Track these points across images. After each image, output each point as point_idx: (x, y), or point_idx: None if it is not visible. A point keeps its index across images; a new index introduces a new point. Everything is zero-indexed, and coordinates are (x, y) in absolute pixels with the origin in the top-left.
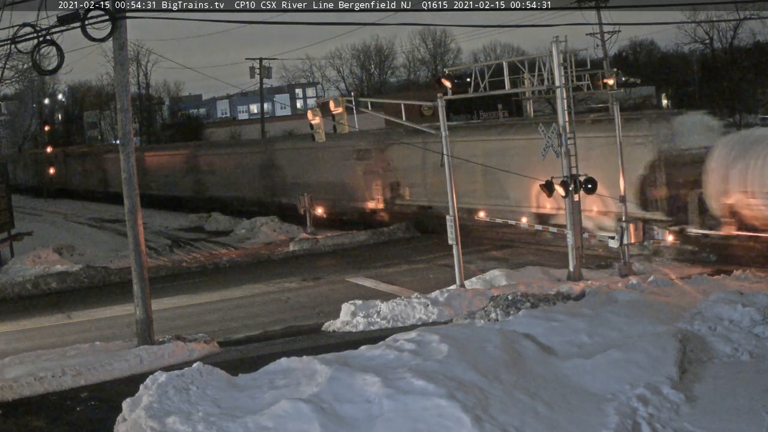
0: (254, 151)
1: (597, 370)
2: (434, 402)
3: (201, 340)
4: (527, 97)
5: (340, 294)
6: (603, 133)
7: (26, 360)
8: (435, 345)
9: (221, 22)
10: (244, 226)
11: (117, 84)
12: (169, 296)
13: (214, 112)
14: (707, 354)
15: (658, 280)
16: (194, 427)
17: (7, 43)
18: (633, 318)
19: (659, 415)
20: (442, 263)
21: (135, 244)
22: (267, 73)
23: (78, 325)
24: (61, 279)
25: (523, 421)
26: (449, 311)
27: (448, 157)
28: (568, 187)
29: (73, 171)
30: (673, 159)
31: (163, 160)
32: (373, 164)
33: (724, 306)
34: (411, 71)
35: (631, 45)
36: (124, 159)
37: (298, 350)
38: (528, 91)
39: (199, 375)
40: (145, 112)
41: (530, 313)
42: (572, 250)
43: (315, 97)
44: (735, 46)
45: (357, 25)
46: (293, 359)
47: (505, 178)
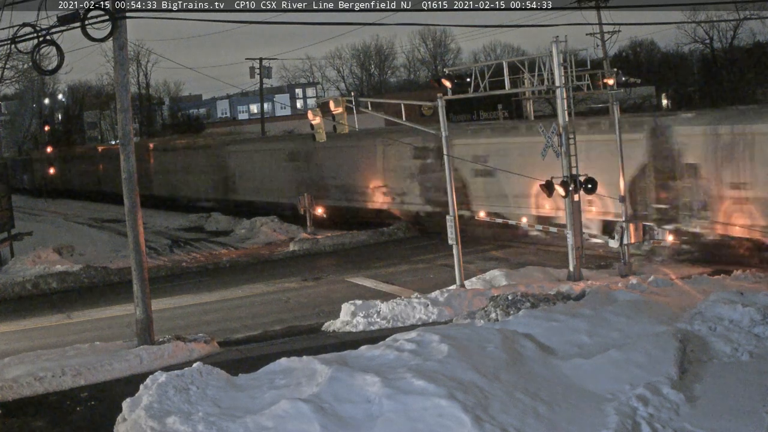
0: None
1: (597, 370)
2: (434, 402)
3: (201, 340)
4: (527, 97)
5: (340, 294)
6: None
7: (26, 360)
8: (435, 345)
9: (221, 22)
10: (244, 226)
11: (117, 84)
12: (169, 296)
13: (214, 112)
14: (707, 354)
15: (658, 280)
16: (194, 427)
17: (7, 43)
18: (633, 318)
19: (659, 415)
20: (442, 263)
21: (135, 244)
22: (267, 73)
23: (78, 325)
24: (61, 279)
25: (523, 421)
26: (449, 311)
27: (449, 157)
28: (568, 187)
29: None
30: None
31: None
32: (434, 163)
33: (724, 306)
34: (411, 71)
35: (631, 45)
36: (124, 159)
37: (298, 350)
38: (528, 91)
39: (199, 375)
40: (145, 112)
41: (530, 313)
42: (572, 250)
43: (315, 97)
44: (735, 46)
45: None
46: (293, 359)
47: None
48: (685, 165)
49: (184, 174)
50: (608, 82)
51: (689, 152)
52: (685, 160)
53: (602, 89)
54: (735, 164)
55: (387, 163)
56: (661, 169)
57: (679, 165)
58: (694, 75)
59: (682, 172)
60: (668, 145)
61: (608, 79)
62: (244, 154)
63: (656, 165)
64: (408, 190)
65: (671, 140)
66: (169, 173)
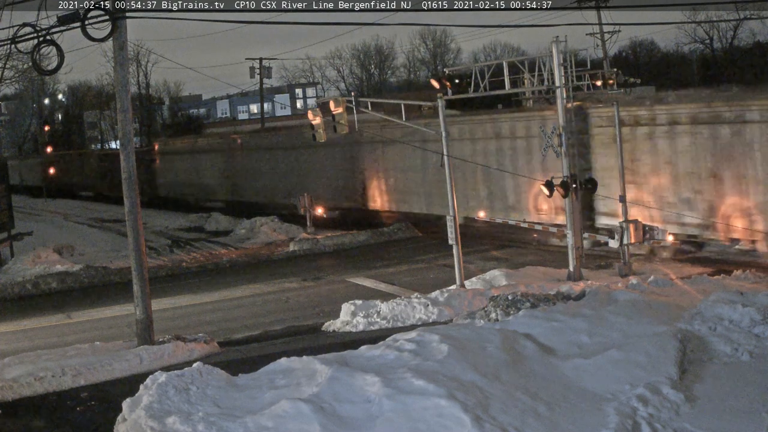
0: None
1: (597, 370)
2: (434, 402)
3: (201, 340)
4: (527, 97)
5: (340, 294)
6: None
7: (26, 360)
8: (435, 345)
9: (221, 22)
10: (244, 226)
11: (117, 84)
12: (169, 296)
13: (214, 112)
14: (707, 354)
15: (658, 280)
16: (194, 427)
17: (7, 43)
18: (633, 318)
19: (659, 415)
20: (442, 263)
21: (135, 244)
22: (267, 73)
23: (78, 325)
24: (61, 279)
25: (523, 421)
26: (449, 311)
27: (448, 157)
28: (568, 187)
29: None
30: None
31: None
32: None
33: (724, 306)
34: (411, 71)
35: (631, 45)
36: (124, 159)
37: (298, 350)
38: (528, 91)
39: (199, 375)
40: (145, 112)
41: (530, 313)
42: (572, 250)
43: (315, 97)
44: (735, 46)
45: (357, 25)
46: (293, 359)
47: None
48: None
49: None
50: (608, 82)
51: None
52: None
53: (602, 89)
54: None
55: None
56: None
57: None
58: (694, 75)
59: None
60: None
61: (608, 79)
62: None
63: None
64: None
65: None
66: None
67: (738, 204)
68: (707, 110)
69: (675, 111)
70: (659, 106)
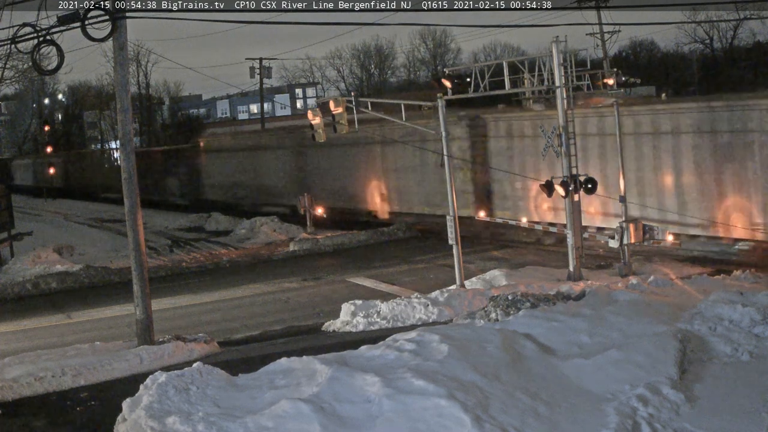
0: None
1: (597, 370)
2: (434, 402)
3: (201, 340)
4: (527, 97)
5: (340, 294)
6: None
7: (26, 360)
8: (435, 345)
9: (221, 22)
10: (244, 225)
11: (117, 84)
12: (169, 296)
13: (214, 112)
14: (707, 354)
15: (658, 280)
16: (194, 427)
17: (7, 43)
18: (633, 318)
19: (659, 415)
20: (442, 263)
21: (135, 244)
22: (267, 73)
23: (78, 325)
24: (61, 279)
25: (523, 421)
26: (449, 311)
27: (448, 158)
28: (568, 187)
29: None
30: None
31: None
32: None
33: (724, 306)
34: (411, 71)
35: (631, 45)
36: (124, 159)
37: (298, 350)
38: (528, 91)
39: (199, 375)
40: (145, 112)
41: (530, 313)
42: (572, 250)
43: (315, 97)
44: (735, 46)
45: (357, 25)
46: (293, 359)
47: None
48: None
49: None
50: (608, 82)
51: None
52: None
53: (602, 89)
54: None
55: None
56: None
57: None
58: (694, 75)
59: None
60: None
61: (608, 79)
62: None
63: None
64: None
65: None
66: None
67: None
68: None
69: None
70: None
